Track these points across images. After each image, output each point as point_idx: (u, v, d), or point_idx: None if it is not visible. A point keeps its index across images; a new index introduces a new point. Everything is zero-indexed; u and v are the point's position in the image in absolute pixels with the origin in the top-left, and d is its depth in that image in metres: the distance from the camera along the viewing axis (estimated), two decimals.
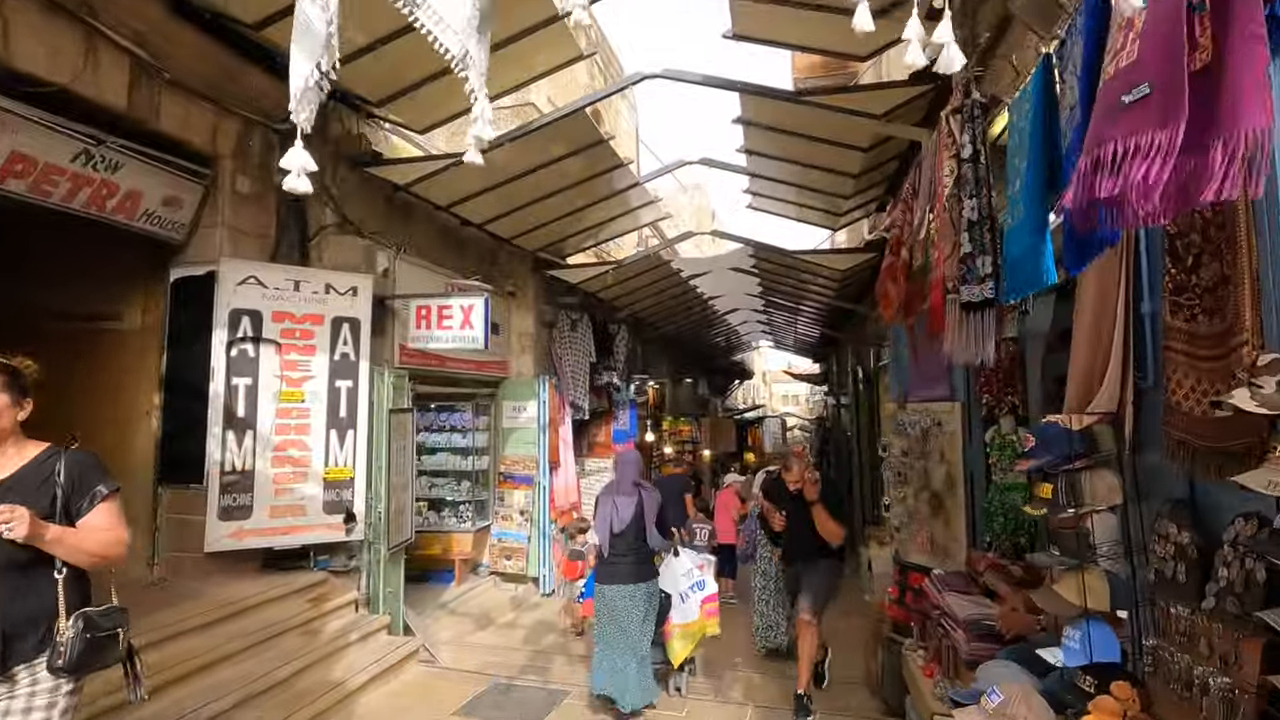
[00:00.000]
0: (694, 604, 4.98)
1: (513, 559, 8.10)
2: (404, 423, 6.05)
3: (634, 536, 4.54)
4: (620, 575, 4.53)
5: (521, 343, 8.64)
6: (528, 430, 8.37)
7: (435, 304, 5.89)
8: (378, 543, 5.72)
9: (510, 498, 8.23)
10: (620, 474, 4.86)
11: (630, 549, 4.54)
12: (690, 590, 5.02)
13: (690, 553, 5.55)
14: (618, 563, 4.56)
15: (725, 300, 12.16)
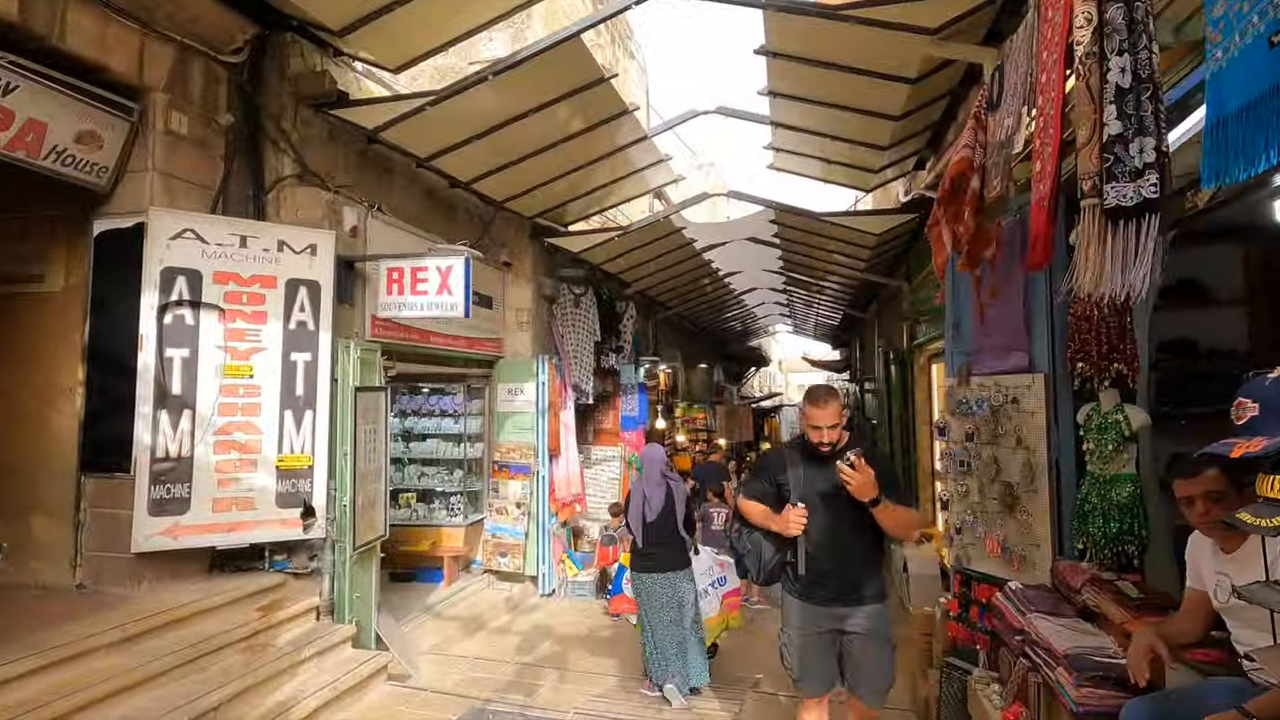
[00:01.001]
0: (715, 599, 5.06)
1: (508, 556, 7.28)
2: (375, 403, 5.23)
3: (666, 525, 4.67)
4: (656, 564, 4.69)
5: (518, 319, 7.79)
6: (525, 415, 7.53)
7: (408, 266, 5.04)
8: (342, 540, 4.90)
9: (506, 489, 7.40)
10: (647, 468, 4.97)
11: (664, 538, 4.68)
12: (710, 587, 5.07)
13: (709, 551, 5.49)
14: (653, 552, 4.70)
15: (742, 279, 11.26)
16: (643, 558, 4.76)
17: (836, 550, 2.96)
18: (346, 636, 4.79)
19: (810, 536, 2.94)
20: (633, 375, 9.68)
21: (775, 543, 3.04)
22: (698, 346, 15.73)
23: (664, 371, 11.63)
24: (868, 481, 2.76)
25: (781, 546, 3.03)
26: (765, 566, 3.05)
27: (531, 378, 7.56)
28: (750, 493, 3.17)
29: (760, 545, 3.07)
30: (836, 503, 2.89)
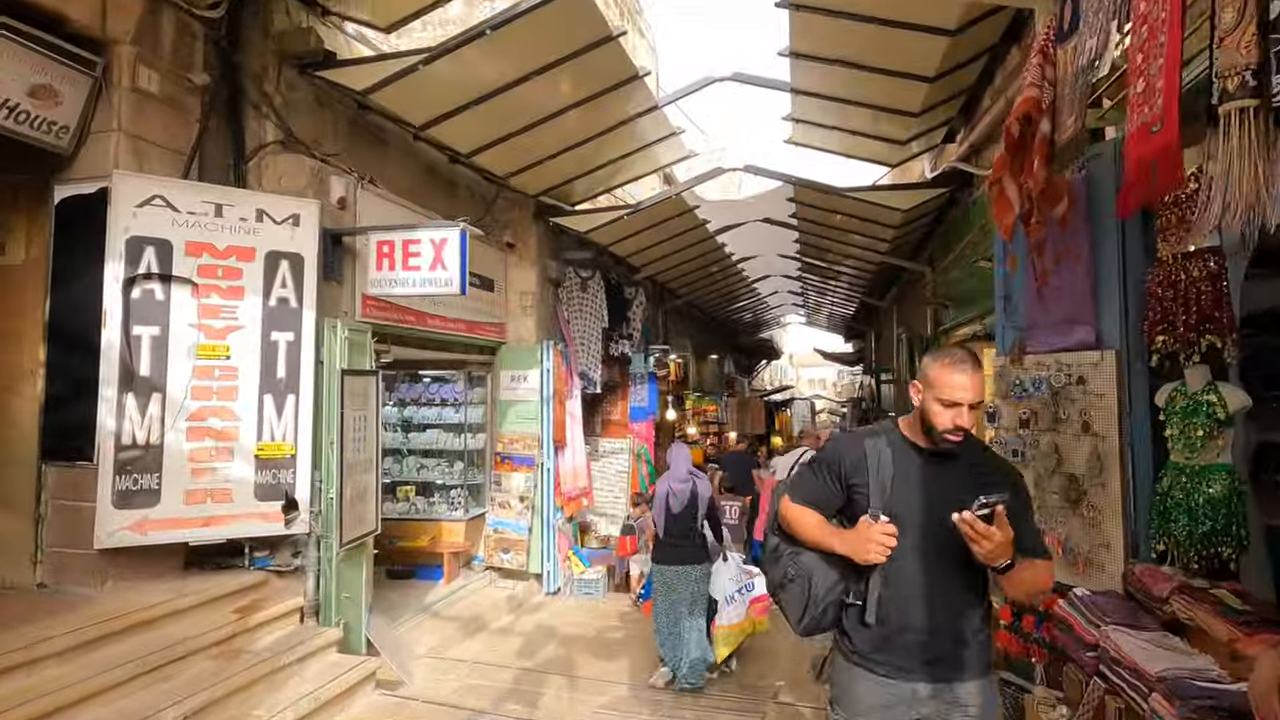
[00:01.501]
0: (741, 606, 5.01)
1: (511, 553, 6.88)
2: (364, 388, 4.82)
3: (689, 520, 4.79)
4: (677, 556, 4.80)
5: (522, 303, 7.37)
6: (528, 404, 7.12)
7: (400, 238, 4.62)
8: (328, 536, 4.51)
9: (508, 481, 6.99)
10: (674, 463, 5.03)
11: (686, 532, 4.79)
12: (738, 594, 5.01)
13: (738, 558, 5.38)
14: (674, 545, 4.83)
15: (756, 265, 10.79)
16: (662, 549, 4.92)
17: (929, 594, 1.95)
18: (332, 640, 4.40)
19: (893, 569, 1.94)
20: (642, 364, 9.25)
21: (837, 571, 2.04)
22: (708, 337, 15.29)
23: (674, 361, 11.19)
24: (1005, 544, 1.78)
25: (845, 577, 2.04)
26: (815, 605, 2.05)
27: (535, 364, 7.14)
28: (803, 494, 2.14)
29: (811, 572, 2.06)
30: (941, 525, 1.85)
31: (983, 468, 2.05)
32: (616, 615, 6.64)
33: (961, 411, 1.90)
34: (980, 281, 6.00)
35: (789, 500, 2.17)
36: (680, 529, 4.79)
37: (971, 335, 7.29)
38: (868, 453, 2.04)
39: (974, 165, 6.02)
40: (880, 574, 1.96)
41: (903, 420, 2.12)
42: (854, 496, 2.07)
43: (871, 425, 2.27)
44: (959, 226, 6.58)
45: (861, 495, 2.04)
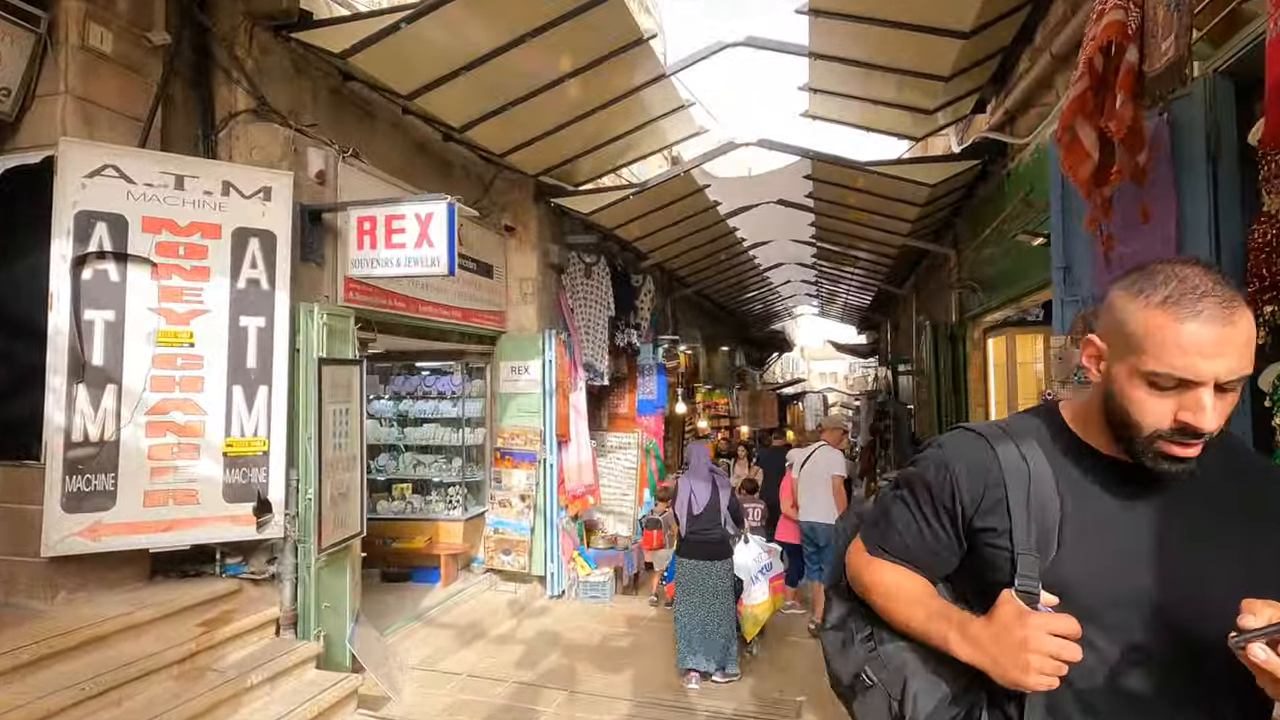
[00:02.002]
0: (763, 585, 5.18)
1: (512, 554, 6.46)
2: (347, 379, 4.40)
3: (711, 517, 4.84)
4: (700, 552, 4.85)
5: (522, 290, 6.93)
6: (529, 396, 6.69)
7: (382, 214, 4.19)
8: (306, 540, 4.09)
9: (509, 478, 6.57)
10: (694, 462, 5.14)
11: (708, 528, 4.86)
12: (759, 574, 5.19)
13: (759, 540, 5.56)
14: (697, 541, 4.88)
15: (769, 251, 10.30)
16: (686, 545, 4.96)
17: None
18: (310, 655, 3.99)
19: (1072, 700, 1.02)
20: (650, 355, 8.81)
21: (950, 681, 1.11)
22: (719, 328, 14.81)
23: (684, 352, 10.73)
24: None
25: (968, 695, 1.09)
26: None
27: (537, 355, 6.71)
28: (892, 544, 1.24)
29: (905, 678, 1.14)
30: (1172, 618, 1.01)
31: (1256, 493, 1.07)
32: (624, 620, 6.21)
33: (1201, 399, 0.95)
34: (1017, 261, 5.50)
35: (864, 550, 1.27)
36: (702, 526, 4.88)
37: (1003, 321, 6.79)
38: (1007, 471, 1.09)
39: (1009, 134, 5.52)
40: (1043, 707, 1.02)
41: (1068, 407, 1.17)
42: (984, 550, 1.11)
43: (1007, 419, 1.24)
44: (991, 202, 6.07)
45: (1001, 551, 1.08)
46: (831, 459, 5.92)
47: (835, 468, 5.85)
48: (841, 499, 5.70)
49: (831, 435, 6.10)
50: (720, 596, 4.75)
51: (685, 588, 4.81)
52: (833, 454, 5.97)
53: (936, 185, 5.94)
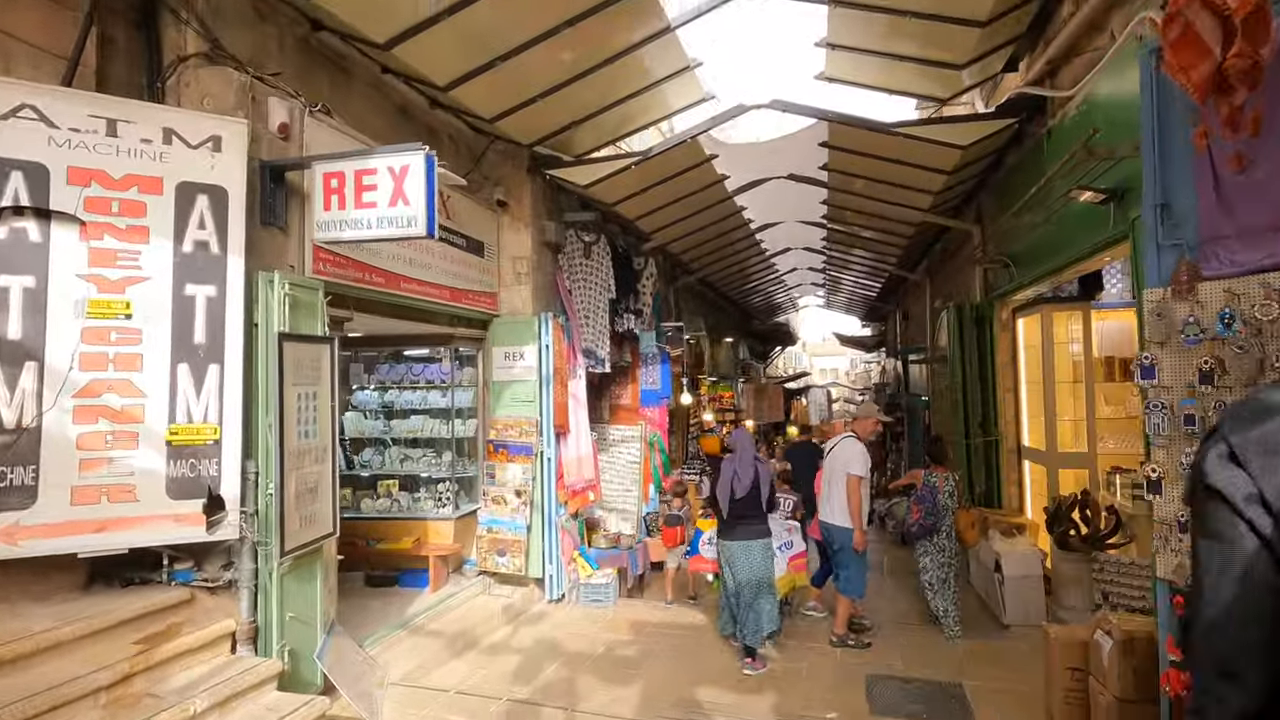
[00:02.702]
0: (783, 561, 5.37)
1: (507, 555, 5.91)
2: (314, 358, 3.86)
3: (752, 500, 4.96)
4: (741, 533, 4.97)
5: (516, 269, 6.38)
6: (525, 384, 6.14)
7: (351, 168, 3.65)
8: (267, 542, 3.55)
9: (503, 473, 6.03)
10: (740, 449, 5.16)
11: (749, 511, 4.97)
12: (779, 549, 5.36)
13: (780, 519, 5.68)
14: (738, 523, 4.99)
15: (776, 236, 9.77)
16: (729, 528, 5.06)
17: None
18: (270, 675, 3.44)
19: None
20: (653, 342, 8.26)
21: None
22: (722, 319, 14.27)
23: (689, 341, 10.19)
24: None
25: None
26: None
27: (533, 339, 6.16)
28: None
29: None
30: None
31: None
32: (629, 627, 5.67)
33: None
34: (1059, 228, 4.96)
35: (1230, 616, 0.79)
36: (743, 509, 4.96)
37: (1035, 299, 6.25)
38: None
39: (1049, 87, 4.98)
40: None
41: None
42: None
43: None
44: (1024, 170, 5.54)
45: None
46: (851, 453, 5.22)
47: (853, 464, 5.16)
48: (856, 501, 5.09)
49: (861, 426, 5.45)
50: (759, 572, 4.93)
51: (729, 565, 5.03)
52: (854, 447, 5.26)
53: (968, 147, 5.40)
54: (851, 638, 5.14)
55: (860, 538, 5.07)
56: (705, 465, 10.00)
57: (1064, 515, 5.55)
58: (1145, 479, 2.63)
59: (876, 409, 5.66)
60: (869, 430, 5.45)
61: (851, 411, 22.51)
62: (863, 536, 5.09)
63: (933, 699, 4.26)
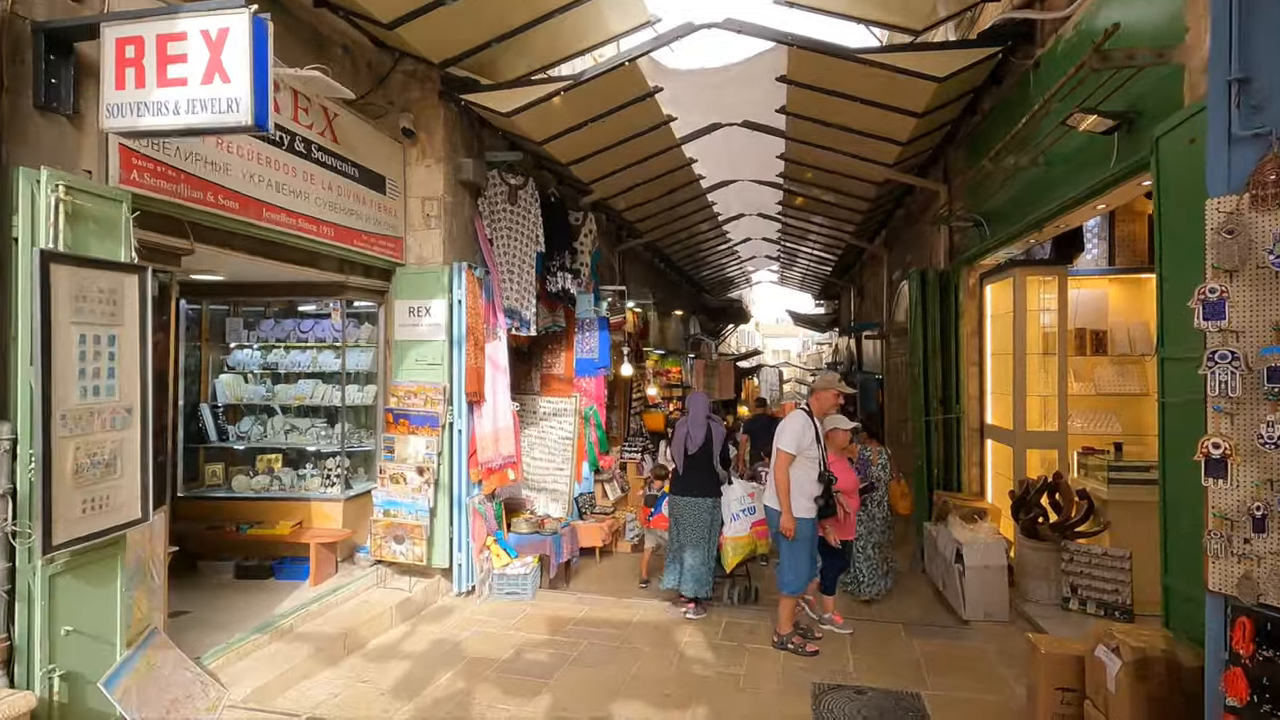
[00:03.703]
0: (745, 524, 5.23)
1: (406, 542, 5.03)
2: (109, 291, 2.89)
3: (703, 459, 5.04)
4: (692, 489, 5.06)
5: (425, 212, 5.43)
6: (431, 345, 5.23)
7: (151, 32, 2.67)
8: (28, 533, 2.60)
9: (404, 447, 5.12)
10: (693, 410, 5.20)
11: (700, 469, 5.05)
12: (741, 513, 5.25)
13: (742, 483, 5.56)
14: (689, 480, 5.08)
15: (728, 200, 8.99)
16: (680, 483, 5.12)
17: None
18: (21, 712, 2.51)
19: None
20: (591, 307, 7.41)
21: None
22: (673, 293, 13.48)
23: (633, 310, 9.37)
24: None
25: None
26: None
27: (442, 293, 5.24)
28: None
29: None
30: None
31: None
32: (546, 624, 4.88)
33: None
34: (1044, 174, 4.29)
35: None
36: (695, 466, 5.02)
37: (1006, 262, 5.62)
38: None
39: (1040, 9, 4.28)
40: None
41: None
42: None
43: None
44: (1007, 108, 4.85)
45: None
46: (785, 427, 4.44)
47: (783, 437, 4.38)
48: (781, 479, 4.30)
49: (819, 400, 4.59)
50: (705, 529, 4.99)
51: (677, 520, 5.08)
52: (792, 420, 4.46)
53: (945, 80, 4.67)
54: (794, 641, 4.45)
55: (788, 522, 4.26)
56: (648, 442, 9.26)
57: (1032, 500, 4.97)
58: (1204, 456, 1.93)
59: (837, 378, 4.81)
60: (829, 405, 4.60)
61: (804, 391, 22.08)
62: (791, 521, 4.26)
63: (888, 713, 3.60)
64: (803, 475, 4.36)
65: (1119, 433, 5.69)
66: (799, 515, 4.32)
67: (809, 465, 4.37)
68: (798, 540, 4.32)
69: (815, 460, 4.38)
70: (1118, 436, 5.59)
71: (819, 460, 4.39)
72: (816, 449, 4.38)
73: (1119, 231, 5.76)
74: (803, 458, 4.35)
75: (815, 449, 4.37)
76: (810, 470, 4.38)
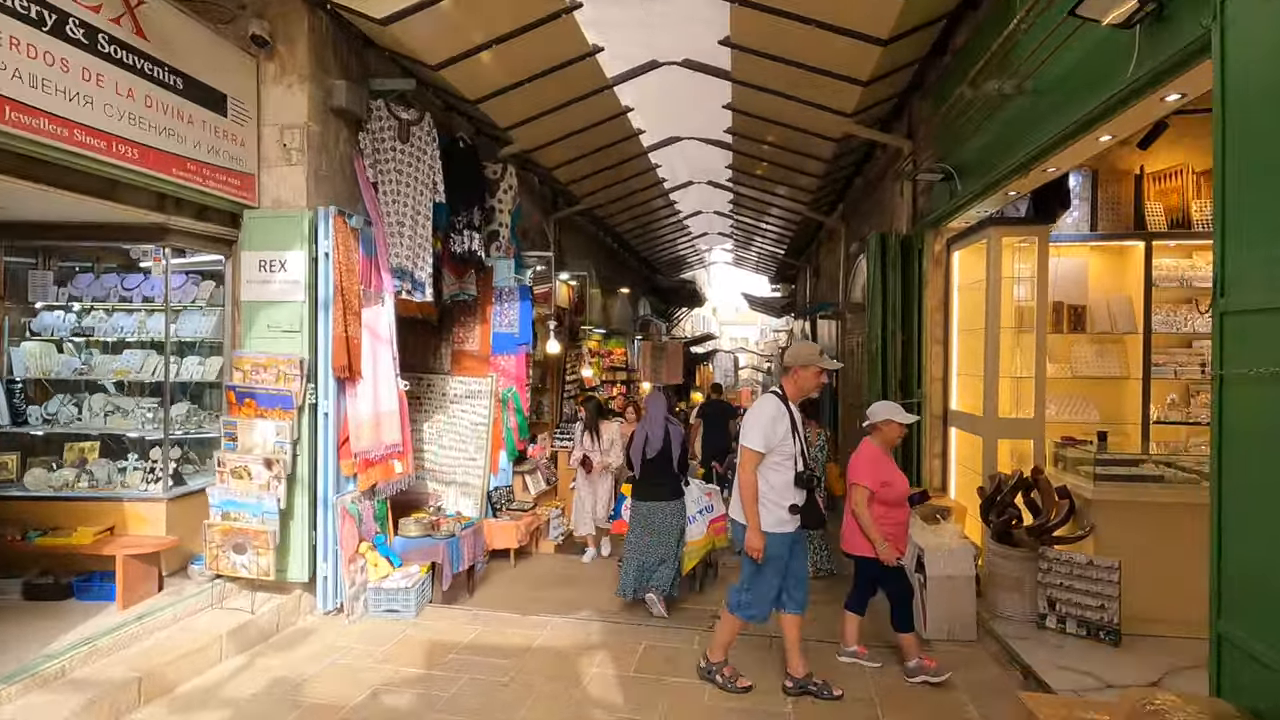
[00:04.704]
0: (702, 525, 5.10)
1: (249, 552, 4.00)
2: None
3: (663, 461, 4.77)
4: (654, 493, 4.78)
5: (285, 143, 4.34)
6: (287, 307, 4.18)
7: None
8: None
9: (248, 434, 4.07)
10: (651, 411, 4.96)
11: (660, 471, 4.78)
12: (699, 514, 5.10)
13: (699, 483, 5.35)
14: (650, 483, 4.80)
15: (673, 162, 8.06)
16: (640, 487, 4.86)
17: None
18: None
19: None
20: (511, 274, 6.40)
21: None
22: (620, 270, 12.51)
23: (567, 283, 8.38)
24: None
25: None
26: None
27: (302, 243, 4.19)
28: None
29: None
30: None
31: None
32: (425, 652, 3.92)
33: None
34: (1032, 102, 3.47)
35: None
36: (655, 470, 4.78)
37: (980, 221, 4.83)
38: None
39: None
40: None
41: None
42: None
43: None
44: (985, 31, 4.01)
45: None
46: (752, 418, 3.43)
47: (747, 431, 3.41)
48: (745, 481, 3.33)
49: (795, 381, 3.49)
50: (669, 534, 4.76)
51: (638, 526, 4.81)
52: (759, 408, 3.46)
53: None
54: (724, 673, 3.57)
55: (754, 540, 3.28)
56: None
57: (1005, 499, 4.20)
58: None
59: (818, 350, 3.54)
60: (809, 386, 3.51)
61: (760, 379, 21.42)
62: (759, 539, 3.28)
63: None
64: (776, 478, 3.36)
65: (1097, 421, 4.99)
66: (770, 530, 3.31)
67: (783, 464, 3.37)
68: (766, 559, 3.33)
69: (791, 457, 3.37)
70: (1096, 425, 4.90)
71: (795, 457, 3.38)
72: (793, 442, 3.38)
73: (1102, 194, 5.02)
74: (775, 455, 3.35)
75: (791, 442, 3.37)
76: (784, 471, 3.36)
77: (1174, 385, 5.07)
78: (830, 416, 9.14)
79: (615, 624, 4.45)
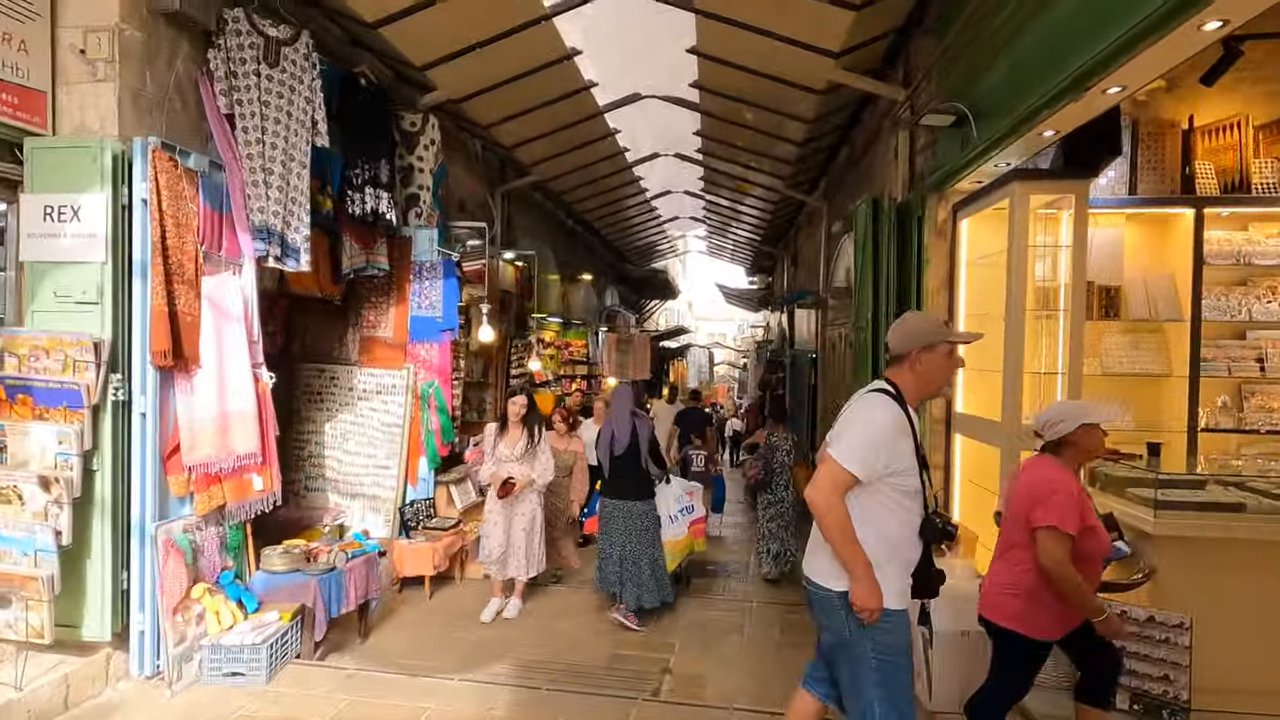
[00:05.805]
0: (682, 525, 4.94)
1: (14, 605, 2.88)
2: None
3: (631, 458, 4.55)
4: (620, 492, 4.57)
5: (90, 50, 3.21)
6: (81, 270, 3.06)
7: None
8: None
9: (22, 442, 2.95)
10: (617, 406, 4.72)
11: (628, 469, 4.56)
12: (679, 514, 4.93)
13: (681, 481, 5.22)
14: (617, 481, 4.59)
15: (635, 128, 7.02)
16: (609, 486, 4.65)
17: None
18: None
19: None
20: (433, 246, 5.30)
21: None
22: (582, 255, 11.43)
23: (514, 263, 7.28)
24: None
25: None
26: None
27: (102, 183, 3.07)
28: None
29: None
30: None
31: None
32: None
33: None
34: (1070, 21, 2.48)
35: None
36: (623, 467, 4.53)
37: (999, 178, 3.85)
38: None
39: None
40: None
41: None
42: None
43: None
44: None
45: None
46: (856, 421, 2.16)
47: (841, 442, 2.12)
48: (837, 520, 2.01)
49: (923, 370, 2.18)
50: (640, 534, 4.49)
51: (607, 526, 4.57)
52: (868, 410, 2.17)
53: None
54: None
55: (869, 594, 2.01)
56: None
57: None
58: None
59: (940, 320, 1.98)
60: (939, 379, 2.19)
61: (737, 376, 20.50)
62: (874, 594, 2.01)
63: None
64: (892, 523, 2.07)
65: (1131, 427, 4.05)
66: (891, 606, 2.05)
67: (902, 505, 2.08)
68: (889, 655, 2.06)
69: (917, 494, 2.09)
70: (1131, 432, 3.96)
71: (921, 492, 2.10)
72: (918, 471, 2.09)
73: (1143, 152, 4.08)
74: (887, 489, 2.06)
75: (915, 470, 2.08)
76: (903, 513, 2.08)
77: (1224, 385, 4.15)
78: (809, 419, 8.18)
79: (531, 688, 3.41)
